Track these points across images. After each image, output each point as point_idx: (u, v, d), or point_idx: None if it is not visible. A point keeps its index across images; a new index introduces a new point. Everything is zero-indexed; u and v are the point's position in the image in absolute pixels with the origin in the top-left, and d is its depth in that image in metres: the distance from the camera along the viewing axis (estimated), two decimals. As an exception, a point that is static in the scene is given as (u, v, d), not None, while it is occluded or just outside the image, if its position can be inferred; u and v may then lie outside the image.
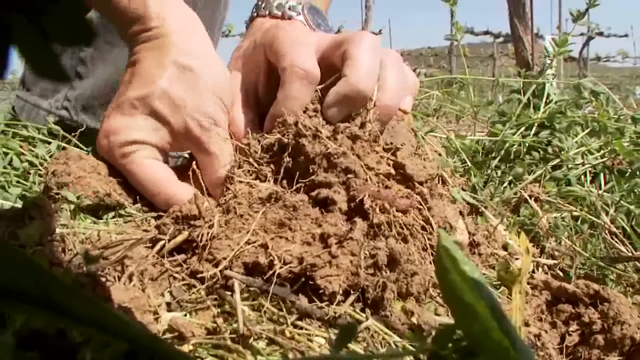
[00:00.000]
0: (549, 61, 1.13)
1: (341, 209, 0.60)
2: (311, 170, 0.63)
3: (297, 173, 0.65)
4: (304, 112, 0.71)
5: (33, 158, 0.81)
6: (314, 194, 0.61)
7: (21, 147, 0.81)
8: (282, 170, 0.66)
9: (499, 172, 1.00)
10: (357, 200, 0.60)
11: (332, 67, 0.74)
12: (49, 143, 0.84)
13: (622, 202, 0.91)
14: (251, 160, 0.70)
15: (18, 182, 0.74)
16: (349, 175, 0.62)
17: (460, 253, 0.28)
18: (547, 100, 1.12)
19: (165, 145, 0.74)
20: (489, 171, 1.01)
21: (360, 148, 0.67)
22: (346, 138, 0.66)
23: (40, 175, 0.74)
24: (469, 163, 0.96)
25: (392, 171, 0.67)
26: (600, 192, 0.94)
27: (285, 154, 0.66)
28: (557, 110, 1.07)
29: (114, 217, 0.69)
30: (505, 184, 0.97)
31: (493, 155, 1.04)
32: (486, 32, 13.30)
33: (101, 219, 0.68)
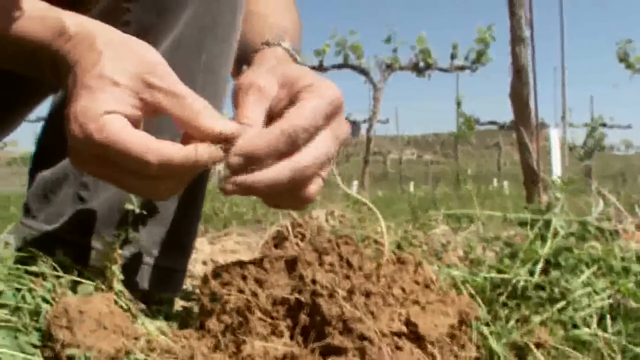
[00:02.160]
0: (556, 197, 1.16)
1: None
2: (327, 332, 0.66)
3: (313, 331, 0.67)
4: (320, 265, 0.74)
5: (45, 293, 0.82)
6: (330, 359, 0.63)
7: (33, 282, 0.83)
8: (298, 328, 0.68)
9: (506, 310, 1.02)
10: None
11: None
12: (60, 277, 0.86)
13: (629, 346, 0.93)
14: (262, 308, 0.72)
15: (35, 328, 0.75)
16: (364, 343, 0.64)
17: None
18: (554, 233, 1.15)
19: (135, 112, 0.76)
20: (497, 307, 1.03)
21: (374, 304, 0.69)
22: (361, 296, 0.69)
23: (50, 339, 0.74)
24: (479, 301, 0.98)
25: (405, 329, 0.69)
26: (606, 335, 0.96)
27: (302, 312, 0.68)
28: (563, 246, 1.10)
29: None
30: (512, 322, 0.99)
31: (500, 290, 1.06)
32: (491, 122, 13.56)
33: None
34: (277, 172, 0.77)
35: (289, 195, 0.82)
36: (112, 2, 0.98)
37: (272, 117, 0.82)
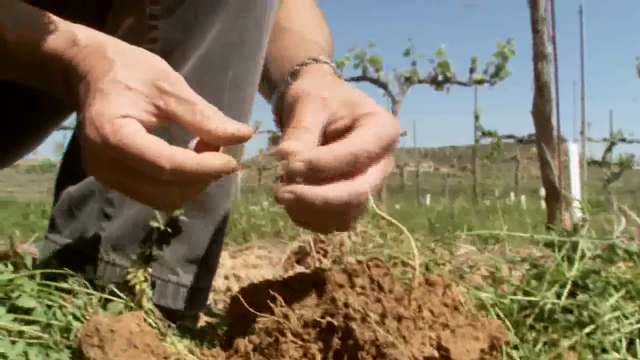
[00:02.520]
0: (583, 219, 1.16)
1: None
2: (360, 357, 0.66)
3: (346, 356, 0.67)
4: (352, 287, 0.74)
5: (75, 310, 0.83)
6: (363, 385, 0.63)
7: (63, 298, 0.84)
8: (331, 352, 0.68)
9: (533, 333, 1.02)
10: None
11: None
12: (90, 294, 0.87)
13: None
14: (293, 331, 0.72)
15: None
16: (397, 368, 0.64)
17: None
18: (581, 255, 1.14)
19: (149, 118, 0.77)
20: (524, 330, 1.02)
21: (406, 328, 0.69)
22: (393, 320, 0.69)
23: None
24: (508, 324, 0.97)
25: (436, 354, 0.69)
26: (635, 360, 0.95)
27: (334, 336, 0.68)
28: (591, 269, 1.09)
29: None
30: (539, 346, 0.98)
31: (527, 312, 1.05)
32: (509, 136, 13.51)
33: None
34: (337, 191, 0.75)
35: (329, 218, 0.80)
36: (139, 20, 0.98)
37: (327, 132, 0.82)
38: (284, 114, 0.92)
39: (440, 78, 11.26)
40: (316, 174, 0.74)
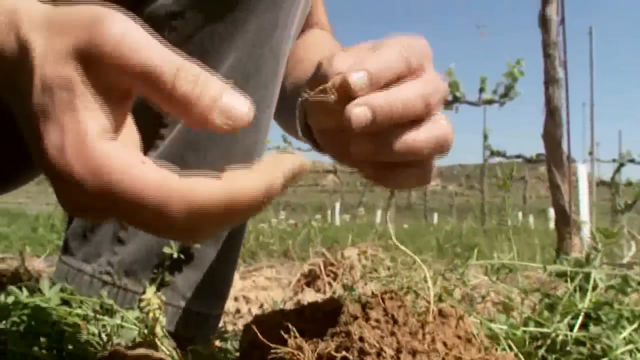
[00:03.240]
0: (595, 249, 1.15)
1: None
2: (374, 393, 0.66)
3: (360, 391, 0.67)
4: (366, 320, 0.74)
5: (90, 336, 0.83)
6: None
7: (77, 324, 0.84)
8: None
9: (546, 365, 1.01)
10: None
11: None
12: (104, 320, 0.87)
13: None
14: None
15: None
16: (412, 406, 0.64)
17: None
18: (594, 286, 1.14)
19: (109, 120, 0.53)
20: (536, 361, 1.02)
21: (420, 364, 0.69)
22: (408, 355, 0.69)
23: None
24: (521, 356, 0.97)
25: (451, 390, 0.69)
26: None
27: (349, 371, 0.68)
28: (603, 301, 1.09)
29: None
30: (552, 378, 0.98)
31: (539, 343, 1.05)
32: (518, 156, 13.49)
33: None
34: (410, 87, 0.62)
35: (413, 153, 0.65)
36: None
37: None
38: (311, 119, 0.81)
39: (449, 97, 11.27)
40: (377, 86, 0.61)
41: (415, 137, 0.64)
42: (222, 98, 0.54)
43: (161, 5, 0.97)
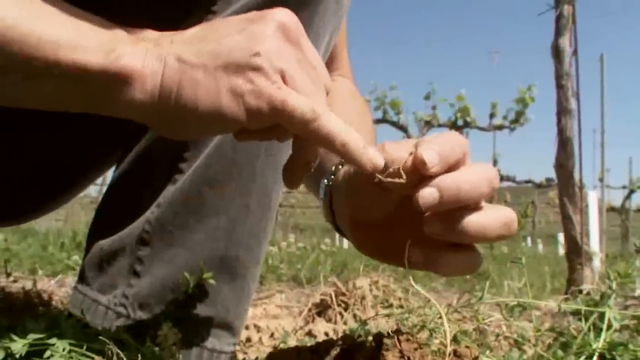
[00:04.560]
0: (610, 288, 1.15)
1: None
2: None
3: None
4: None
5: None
6: None
7: (93, 359, 0.84)
8: None
9: (560, 406, 1.01)
10: None
11: None
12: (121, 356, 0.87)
13: None
14: None
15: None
16: None
17: None
18: (608, 326, 1.13)
19: None
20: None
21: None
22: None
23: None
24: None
25: None
26: None
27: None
28: (618, 342, 1.08)
29: None
30: (566, 420, 0.97)
31: (553, 384, 1.04)
32: (527, 181, 13.44)
33: None
34: (472, 170, 0.64)
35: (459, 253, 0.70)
36: None
37: None
38: (337, 202, 0.86)
39: (459, 122, 11.31)
40: (445, 168, 0.63)
41: (486, 218, 0.65)
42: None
43: None
